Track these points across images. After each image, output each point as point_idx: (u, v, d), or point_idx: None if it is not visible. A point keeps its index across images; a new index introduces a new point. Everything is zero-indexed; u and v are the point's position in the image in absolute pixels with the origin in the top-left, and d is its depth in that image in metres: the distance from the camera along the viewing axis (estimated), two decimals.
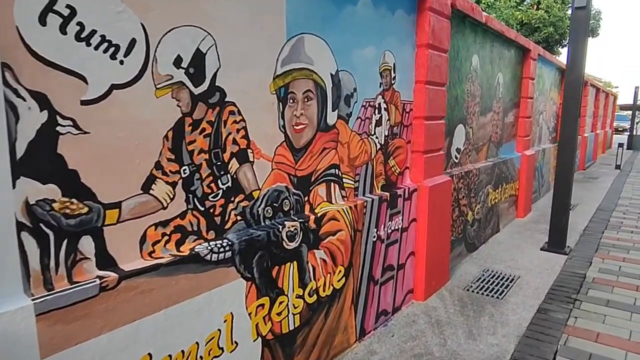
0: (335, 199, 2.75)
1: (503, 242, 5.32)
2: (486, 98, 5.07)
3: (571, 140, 4.75)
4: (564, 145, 4.80)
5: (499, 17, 15.36)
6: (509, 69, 5.74)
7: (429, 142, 3.59)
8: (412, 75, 3.47)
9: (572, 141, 4.74)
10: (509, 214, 6.11)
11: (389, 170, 3.32)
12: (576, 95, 4.67)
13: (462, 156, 4.60)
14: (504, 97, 5.67)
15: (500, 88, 5.49)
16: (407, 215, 3.45)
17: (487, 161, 5.27)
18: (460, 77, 4.33)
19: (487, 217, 5.23)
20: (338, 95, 2.68)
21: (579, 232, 5.78)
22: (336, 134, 2.70)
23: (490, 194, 5.26)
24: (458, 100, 4.34)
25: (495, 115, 5.41)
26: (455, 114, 4.31)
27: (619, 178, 10.63)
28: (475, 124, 4.81)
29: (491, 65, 5.10)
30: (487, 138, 5.25)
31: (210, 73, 1.91)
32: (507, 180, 5.88)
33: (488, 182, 5.17)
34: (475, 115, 4.78)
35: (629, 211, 6.94)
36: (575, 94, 4.67)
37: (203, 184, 1.93)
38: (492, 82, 5.21)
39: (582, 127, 12.09)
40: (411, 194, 3.47)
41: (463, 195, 4.48)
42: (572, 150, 4.76)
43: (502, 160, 5.64)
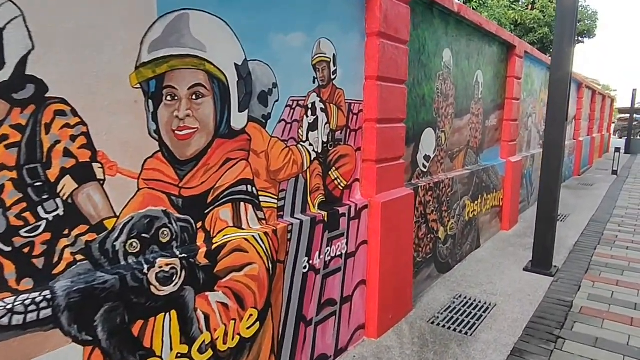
0: (247, 223, 2.18)
1: (482, 260, 4.74)
2: (462, 98, 4.50)
3: (557, 147, 4.18)
4: (550, 153, 4.23)
5: (490, 17, 14.84)
6: (490, 67, 5.18)
7: (384, 149, 3.02)
8: (360, 70, 2.90)
9: (559, 148, 4.17)
10: (491, 227, 5.54)
11: (331, 184, 2.74)
12: (562, 95, 4.11)
13: (433, 165, 4.03)
14: (484, 98, 5.11)
15: (480, 88, 4.93)
16: (355, 237, 2.88)
17: (464, 169, 4.70)
18: (428, 73, 3.76)
19: (463, 232, 4.66)
20: (248, 92, 2.11)
21: (569, 247, 5.21)
22: (247, 141, 2.13)
23: (467, 207, 4.69)
24: (425, 101, 3.77)
25: (474, 118, 4.85)
26: (422, 117, 3.74)
27: (615, 185, 10.07)
28: (448, 127, 4.25)
29: (468, 61, 4.54)
30: (464, 143, 4.68)
31: (14, 57, 1.33)
32: (489, 189, 5.31)
33: (465, 193, 4.60)
34: (448, 118, 4.22)
35: (625, 223, 6.37)
36: (562, 94, 4.11)
37: (8, 213, 1.36)
38: (470, 81, 4.64)
39: (577, 131, 11.54)
40: (360, 211, 2.90)
41: (432, 209, 3.90)
42: (558, 157, 4.19)
43: (483, 168, 5.07)
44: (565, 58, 4.06)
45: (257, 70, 2.15)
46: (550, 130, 4.20)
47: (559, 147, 4.17)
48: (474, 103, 4.80)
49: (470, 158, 4.89)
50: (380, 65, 2.90)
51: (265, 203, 2.27)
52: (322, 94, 2.59)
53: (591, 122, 14.18)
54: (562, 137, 4.16)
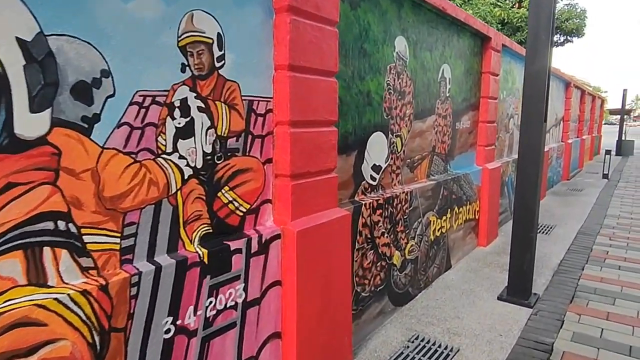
0: (59, 277, 1.47)
1: (451, 286, 4.05)
2: (424, 97, 3.82)
3: (535, 153, 3.50)
4: (526, 161, 3.55)
5: (475, 14, 14.26)
6: (460, 61, 4.51)
7: (303, 161, 2.33)
8: (267, 57, 2.20)
9: (537, 154, 3.50)
10: (465, 244, 4.85)
11: (223, 210, 2.04)
12: (539, 92, 3.44)
13: (385, 176, 3.34)
14: (454, 97, 4.43)
15: (448, 84, 4.26)
16: (259, 278, 2.17)
17: (429, 180, 4.01)
18: (374, 65, 3.08)
19: (428, 254, 3.97)
20: (50, 83, 1.40)
21: (552, 268, 4.54)
22: (52, 156, 1.42)
23: (433, 223, 4.00)
24: (372, 99, 3.08)
25: (440, 120, 4.17)
26: (367, 118, 3.05)
27: (606, 190, 9.45)
28: (406, 131, 3.56)
29: (430, 53, 3.86)
30: (427, 149, 4.00)
31: None
32: (462, 202, 4.63)
33: (429, 207, 3.91)
34: (405, 120, 3.53)
35: (616, 235, 5.71)
36: (539, 91, 3.44)
37: None
38: (433, 76, 3.96)
39: (565, 133, 10.94)
40: (267, 244, 2.19)
41: (383, 231, 3.21)
42: (536, 166, 3.52)
43: (453, 177, 4.39)
44: (542, 48, 3.39)
45: (68, 51, 1.44)
46: (526, 133, 3.53)
47: (537, 153, 3.50)
48: (439, 102, 4.12)
49: (436, 166, 4.21)
50: (293, 51, 2.20)
51: (96, 245, 1.56)
52: (200, 88, 1.89)
53: (580, 123, 13.60)
54: (540, 141, 3.49)
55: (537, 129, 3.47)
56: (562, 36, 19.57)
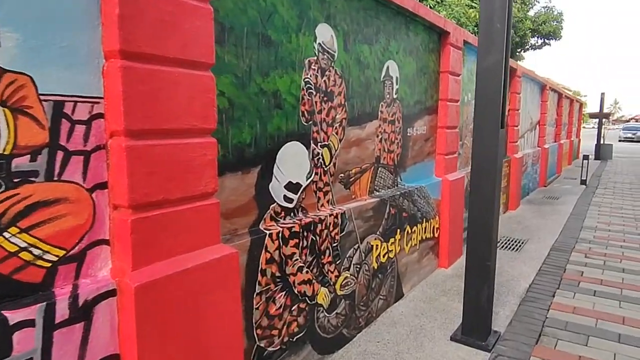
0: None
1: (399, 322, 3.42)
2: (362, 99, 3.21)
3: (490, 167, 2.91)
4: (479, 176, 2.96)
5: (449, 16, 13.83)
6: (412, 58, 3.92)
7: (157, 185, 1.68)
8: (89, 39, 1.55)
9: (492, 168, 2.91)
10: (421, 267, 4.25)
11: (8, 262, 1.38)
12: (495, 91, 2.85)
13: (307, 196, 2.71)
14: (404, 99, 3.84)
15: (395, 84, 3.66)
16: (75, 358, 1.51)
17: (372, 197, 3.39)
18: (284, 59, 2.45)
19: (370, 285, 3.34)
20: None
21: (520, 294, 3.96)
22: None
23: (376, 249, 3.38)
24: (282, 101, 2.45)
25: (386, 126, 3.56)
26: (274, 125, 2.42)
27: (583, 197, 8.98)
28: (336, 140, 2.94)
29: (370, 47, 3.26)
30: (369, 161, 3.39)
31: None
32: (416, 219, 4.03)
33: (371, 230, 3.29)
34: (335, 126, 2.91)
35: (593, 252, 5.18)
36: (494, 90, 2.85)
37: None
38: (375, 75, 3.36)
39: (541, 138, 10.49)
40: (90, 307, 1.53)
41: (300, 265, 2.57)
42: (492, 181, 2.92)
43: (404, 192, 3.78)
44: (497, 38, 2.80)
45: None
46: (479, 142, 2.93)
47: (493, 165, 2.90)
48: (384, 105, 3.51)
49: (382, 180, 3.60)
50: (130, 32, 1.56)
51: None
52: None
53: (558, 127, 13.23)
54: (496, 151, 2.90)
55: (492, 136, 2.88)
56: (540, 39, 19.31)
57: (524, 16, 17.19)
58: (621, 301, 3.75)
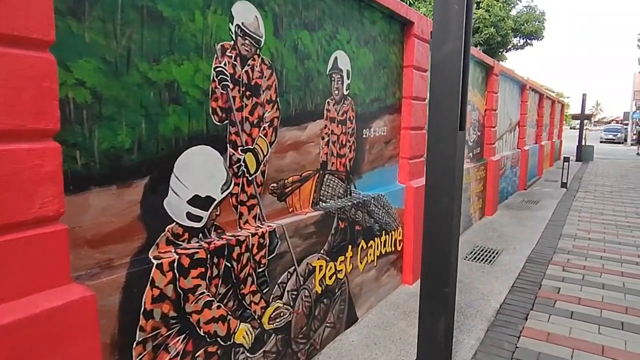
0: None
1: (347, 355, 2.94)
2: (301, 94, 2.73)
3: (448, 176, 2.45)
4: (435, 187, 2.50)
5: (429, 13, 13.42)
6: (368, 49, 3.45)
7: None
8: None
9: (450, 177, 2.45)
10: (381, 285, 3.78)
11: None
12: (453, 86, 2.39)
13: (223, 212, 2.21)
14: (358, 96, 3.36)
15: (346, 79, 3.18)
16: None
17: (315, 210, 2.91)
18: (184, 42, 1.95)
19: (312, 312, 2.86)
20: None
21: (489, 317, 3.51)
22: None
23: (320, 270, 2.90)
24: (181, 95, 1.95)
25: (334, 126, 3.08)
26: (170, 125, 1.92)
27: (563, 201, 8.64)
28: (265, 143, 2.45)
29: (311, 33, 2.77)
30: (313, 167, 2.90)
31: None
32: (373, 232, 3.56)
33: (313, 249, 2.81)
34: (263, 127, 2.42)
35: (571, 264, 4.78)
36: (451, 85, 2.39)
37: None
38: (319, 67, 2.87)
39: (521, 139, 10.15)
40: None
41: (208, 300, 2.07)
42: (450, 193, 2.46)
43: (358, 202, 3.31)
44: (454, 22, 2.34)
45: None
46: (434, 147, 2.47)
47: (451, 174, 2.44)
48: (332, 103, 3.03)
49: (330, 189, 3.12)
50: None
51: None
52: None
53: (539, 128, 12.95)
54: (454, 157, 2.44)
55: (449, 140, 2.42)
56: (522, 39, 19.09)
57: (505, 15, 16.93)
58: (601, 325, 3.34)
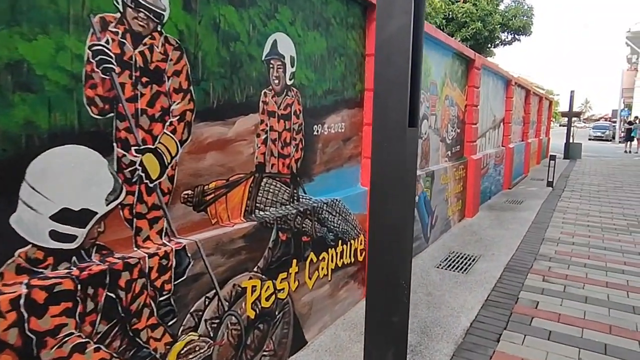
0: None
1: None
2: (225, 83, 2.28)
3: (395, 185, 2.02)
4: (380, 200, 2.08)
5: None
6: (320, 33, 3.01)
7: None
8: None
9: (398, 186, 2.02)
10: (336, 301, 3.35)
11: None
12: (401, 73, 1.96)
13: (111, 228, 1.76)
14: (308, 87, 2.92)
15: (289, 66, 2.73)
16: None
17: (247, 220, 2.47)
18: (35, 11, 1.49)
19: (243, 342, 2.42)
20: None
21: (456, 339, 3.11)
22: None
23: (252, 292, 2.46)
24: (34, 79, 1.50)
25: (273, 122, 2.64)
26: (15, 119, 1.46)
27: (548, 202, 8.29)
28: (172, 142, 2.00)
29: (239, 10, 2.32)
30: (245, 169, 2.46)
31: None
32: (325, 243, 3.13)
33: (239, 268, 2.37)
34: (171, 122, 1.97)
35: (552, 272, 4.39)
36: (398, 70, 1.96)
37: None
38: (252, 51, 2.43)
39: (506, 137, 9.79)
40: None
41: (75, 344, 1.62)
42: (398, 208, 2.04)
43: (306, 209, 2.88)
44: None
45: None
46: (380, 145, 2.05)
47: (400, 177, 2.02)
48: (271, 94, 2.59)
49: (270, 194, 2.68)
50: None
51: None
52: None
53: (526, 125, 12.61)
54: (403, 159, 2.01)
55: (397, 138, 1.99)
56: (510, 34, 18.75)
57: (493, 9, 16.57)
58: (581, 348, 2.94)
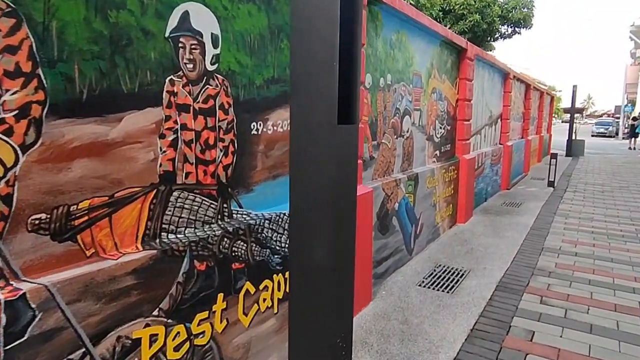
0: None
1: None
2: (101, 66, 1.68)
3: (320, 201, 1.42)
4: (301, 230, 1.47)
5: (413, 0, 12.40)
6: (257, 7, 2.41)
7: None
8: None
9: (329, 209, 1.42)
10: (286, 338, 2.75)
11: None
12: (327, 53, 1.35)
13: None
14: (240, 74, 2.33)
15: (211, 47, 2.14)
16: None
17: (145, 248, 1.87)
18: None
19: None
20: None
21: None
22: None
23: (152, 343, 1.87)
24: None
25: (187, 118, 2.04)
26: None
27: (549, 204, 7.68)
28: (6, 146, 1.40)
29: None
30: (141, 180, 1.87)
31: None
32: (268, 268, 2.54)
33: (127, 314, 1.78)
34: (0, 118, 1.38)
35: (552, 290, 3.79)
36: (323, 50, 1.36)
37: None
38: (147, 25, 1.83)
39: (504, 134, 9.17)
40: None
41: None
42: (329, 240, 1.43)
43: (238, 228, 2.29)
44: None
45: None
46: (302, 150, 1.44)
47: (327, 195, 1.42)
48: (182, 83, 1.99)
49: (185, 212, 2.08)
50: None
51: None
52: None
53: (526, 121, 11.99)
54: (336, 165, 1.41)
55: (324, 141, 1.39)
56: (510, 27, 18.07)
57: (492, 1, 15.91)
58: None
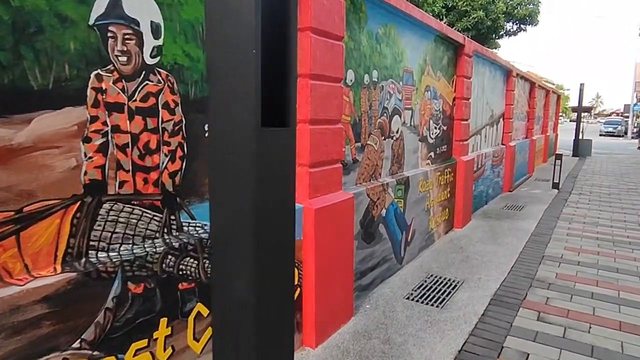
0: None
1: None
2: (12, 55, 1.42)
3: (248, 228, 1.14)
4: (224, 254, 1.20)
5: None
6: None
7: None
8: None
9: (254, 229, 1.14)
10: None
11: None
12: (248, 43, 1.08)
13: None
14: (188, 69, 2.05)
15: (151, 37, 1.87)
16: None
17: (57, 272, 1.61)
18: None
19: None
20: None
21: None
22: None
23: None
24: None
25: (119, 119, 1.78)
26: None
27: (552, 207, 7.35)
28: None
29: None
30: (63, 192, 1.60)
31: None
32: None
33: (38, 350, 1.52)
34: None
35: (551, 305, 3.49)
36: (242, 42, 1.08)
37: None
38: (63, 9, 1.56)
39: (506, 134, 8.83)
40: None
41: None
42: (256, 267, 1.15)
43: (187, 243, 2.02)
44: None
45: None
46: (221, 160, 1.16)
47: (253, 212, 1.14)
48: (109, 78, 1.72)
49: (120, 226, 1.81)
50: None
51: None
52: None
53: (530, 121, 11.63)
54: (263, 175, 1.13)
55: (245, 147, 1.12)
56: (515, 24, 17.66)
57: None
58: None
